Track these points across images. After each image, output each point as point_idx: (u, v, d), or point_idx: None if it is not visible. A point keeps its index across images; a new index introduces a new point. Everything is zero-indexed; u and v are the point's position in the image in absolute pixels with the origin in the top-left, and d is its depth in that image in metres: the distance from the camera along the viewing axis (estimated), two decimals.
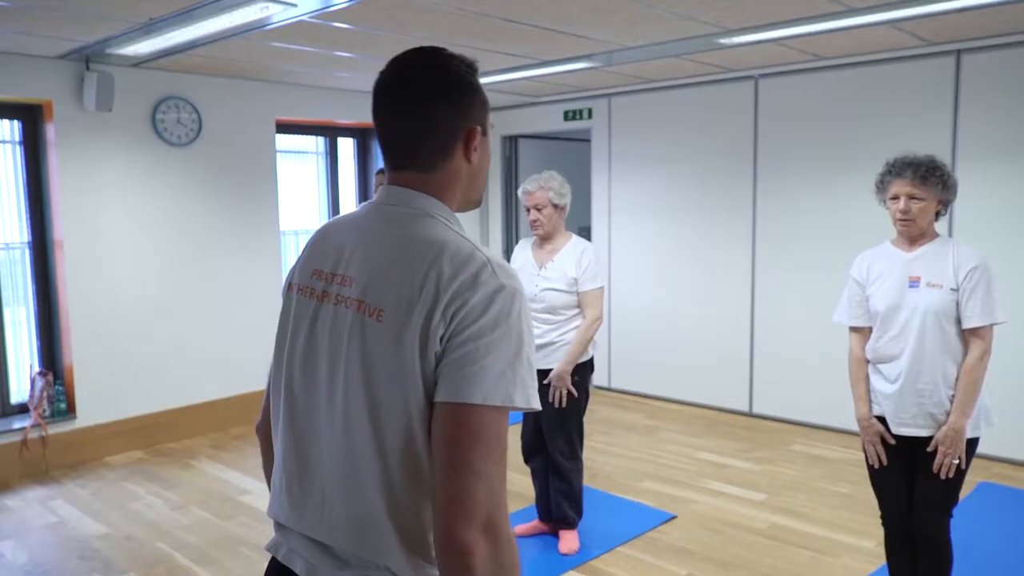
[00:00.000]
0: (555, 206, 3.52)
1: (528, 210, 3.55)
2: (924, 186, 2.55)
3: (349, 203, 6.60)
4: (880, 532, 3.64)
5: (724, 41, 4.28)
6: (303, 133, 6.26)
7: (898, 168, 2.61)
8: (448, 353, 1.11)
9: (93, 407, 4.95)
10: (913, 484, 2.67)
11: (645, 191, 6.12)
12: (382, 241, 1.22)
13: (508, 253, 7.23)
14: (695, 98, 5.76)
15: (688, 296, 5.92)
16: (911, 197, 2.57)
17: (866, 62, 4.91)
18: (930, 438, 2.58)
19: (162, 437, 5.25)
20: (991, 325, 2.52)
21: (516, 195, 7.16)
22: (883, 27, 4.11)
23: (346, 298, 1.21)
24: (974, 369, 2.51)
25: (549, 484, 3.68)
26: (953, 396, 2.54)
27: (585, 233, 6.42)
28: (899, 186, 2.60)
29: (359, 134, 6.59)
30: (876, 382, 2.69)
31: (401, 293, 1.15)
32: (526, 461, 3.74)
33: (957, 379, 2.54)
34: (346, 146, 6.57)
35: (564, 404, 3.44)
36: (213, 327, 5.48)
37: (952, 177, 2.61)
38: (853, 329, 2.79)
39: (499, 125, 7.08)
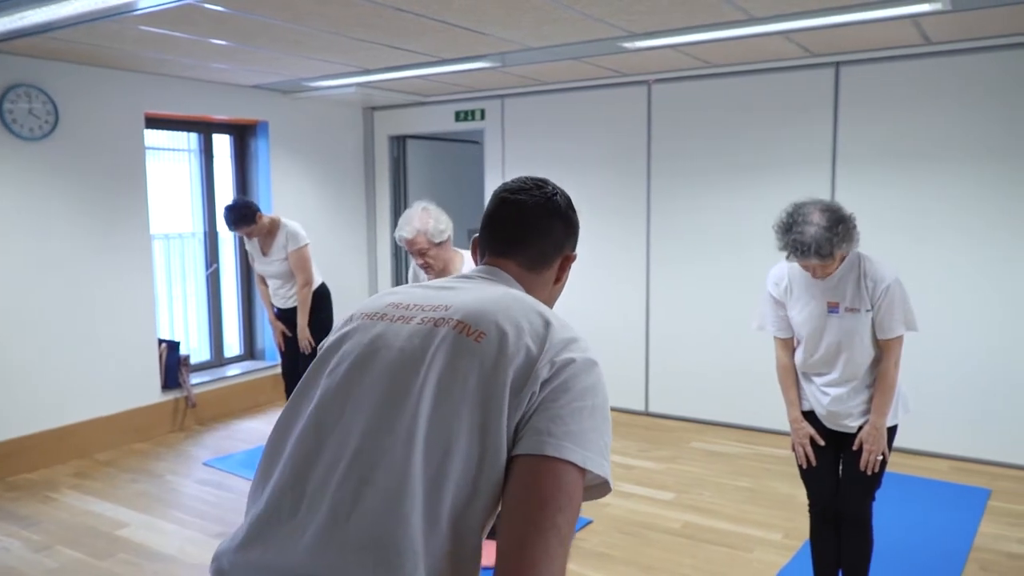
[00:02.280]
0: (437, 244, 3.33)
1: (412, 255, 3.36)
2: (830, 257, 2.47)
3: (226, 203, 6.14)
4: (788, 524, 3.82)
5: (627, 45, 4.30)
6: (175, 129, 5.77)
7: (801, 250, 2.44)
8: (550, 404, 1.07)
9: None
10: (839, 470, 2.78)
11: None
12: (484, 291, 1.24)
13: (397, 265, 7.01)
14: (589, 101, 5.79)
15: (584, 297, 5.94)
16: (822, 267, 2.53)
17: (752, 70, 5.11)
18: (858, 431, 2.68)
19: (15, 467, 4.66)
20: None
21: (404, 202, 6.96)
22: (776, 37, 4.26)
23: (437, 319, 1.17)
24: (891, 374, 2.62)
25: None
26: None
27: None
28: (807, 264, 2.52)
29: (236, 131, 6.16)
30: (809, 389, 2.76)
31: (507, 327, 1.13)
32: None
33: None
34: (222, 144, 6.12)
35: None
36: (75, 341, 4.93)
37: (853, 229, 2.48)
38: (777, 339, 2.82)
39: (387, 125, 6.85)
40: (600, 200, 5.80)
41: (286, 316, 4.88)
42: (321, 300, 4.86)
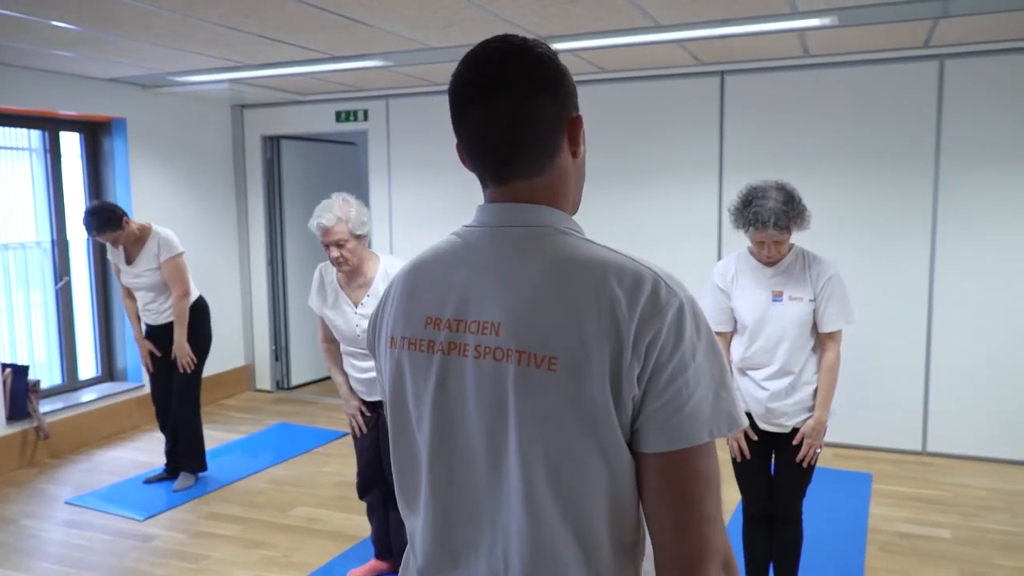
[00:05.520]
0: (358, 237, 3.02)
1: (327, 247, 3.01)
2: (786, 230, 2.61)
3: (77, 209, 5.52)
4: None
5: None
6: (14, 125, 5.10)
7: (761, 221, 2.56)
8: (653, 396, 0.96)
9: None
10: (770, 469, 2.86)
11: (428, 198, 5.91)
12: (519, 272, 1.04)
13: (273, 274, 6.60)
14: None
15: None
16: (775, 242, 2.64)
17: (642, 77, 5.21)
18: (792, 431, 2.75)
19: None
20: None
21: (279, 206, 6.56)
22: (671, 45, 4.36)
23: (493, 348, 1.02)
24: (833, 368, 2.72)
25: (388, 518, 3.37)
26: (814, 391, 2.73)
27: None
28: (762, 236, 2.63)
29: (87, 129, 5.54)
30: (746, 385, 2.81)
31: (572, 333, 0.97)
32: (362, 496, 3.37)
33: (815, 374, 2.74)
34: (71, 142, 5.48)
35: None
36: None
37: (804, 209, 2.64)
38: (718, 333, 2.86)
39: (260, 124, 6.42)
40: None
41: (157, 334, 4.43)
42: (199, 316, 4.45)
